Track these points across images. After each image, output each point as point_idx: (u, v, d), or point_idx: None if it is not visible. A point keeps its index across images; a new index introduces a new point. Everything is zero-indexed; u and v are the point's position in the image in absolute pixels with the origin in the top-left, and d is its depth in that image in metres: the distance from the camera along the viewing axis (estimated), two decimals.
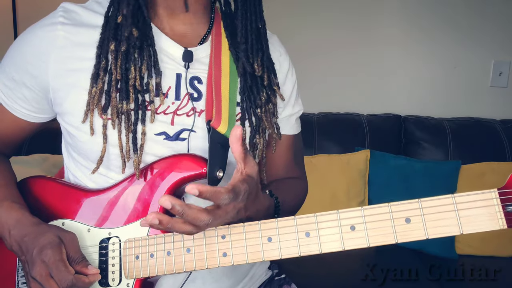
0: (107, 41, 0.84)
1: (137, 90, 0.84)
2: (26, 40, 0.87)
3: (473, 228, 0.66)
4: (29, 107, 0.91)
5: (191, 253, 0.78)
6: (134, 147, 0.85)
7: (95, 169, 0.88)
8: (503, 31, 2.47)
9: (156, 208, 0.83)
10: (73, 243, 0.82)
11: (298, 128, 1.10)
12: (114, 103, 0.84)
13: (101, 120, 0.85)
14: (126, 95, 0.84)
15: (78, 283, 0.77)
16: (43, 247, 0.78)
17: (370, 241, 0.70)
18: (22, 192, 0.93)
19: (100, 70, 0.84)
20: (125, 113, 0.84)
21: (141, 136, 0.85)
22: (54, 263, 0.76)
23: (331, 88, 2.57)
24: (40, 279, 0.77)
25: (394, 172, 2.20)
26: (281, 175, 1.07)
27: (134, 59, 0.84)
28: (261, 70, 0.92)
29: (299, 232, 0.73)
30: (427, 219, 0.68)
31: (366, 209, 0.71)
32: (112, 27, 0.84)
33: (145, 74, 0.85)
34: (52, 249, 0.77)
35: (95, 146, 0.86)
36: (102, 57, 0.84)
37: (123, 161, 0.86)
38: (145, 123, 0.85)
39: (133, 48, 0.84)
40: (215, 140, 0.85)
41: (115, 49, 0.84)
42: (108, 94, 0.84)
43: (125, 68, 0.84)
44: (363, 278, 1.82)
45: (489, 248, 2.08)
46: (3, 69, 0.91)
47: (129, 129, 0.84)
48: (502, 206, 0.65)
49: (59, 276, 0.76)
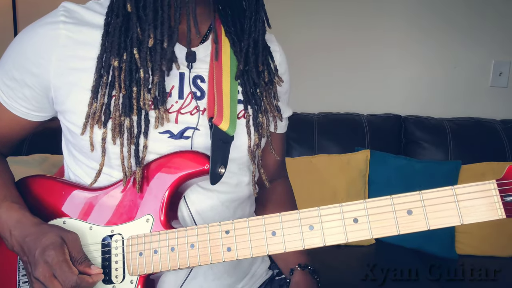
0: (108, 55, 0.83)
1: (140, 105, 0.84)
2: (27, 39, 0.87)
3: (473, 218, 0.68)
4: (29, 105, 0.90)
5: (195, 249, 0.78)
6: (136, 160, 0.85)
7: (93, 182, 0.88)
8: (503, 31, 2.48)
9: (158, 205, 0.83)
10: (75, 243, 0.81)
11: (286, 127, 1.14)
12: (116, 116, 0.83)
13: (101, 134, 0.85)
14: (130, 107, 0.84)
15: (82, 283, 0.77)
16: (46, 248, 0.77)
17: (373, 233, 0.71)
18: (22, 191, 0.93)
19: (101, 86, 0.83)
20: (127, 127, 0.84)
21: (142, 149, 0.85)
22: (57, 263, 0.76)
23: (331, 88, 2.57)
24: (44, 279, 0.76)
25: (394, 172, 2.20)
26: (275, 174, 1.15)
27: (137, 78, 0.84)
28: (254, 54, 0.93)
29: (303, 226, 0.74)
30: (428, 211, 0.69)
31: (369, 201, 0.72)
32: (116, 42, 0.83)
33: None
34: (55, 250, 0.77)
35: (96, 153, 0.87)
36: (104, 72, 0.84)
37: (124, 173, 0.85)
38: (147, 137, 0.85)
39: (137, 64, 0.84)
40: (217, 137, 0.86)
41: (118, 65, 0.83)
42: (109, 108, 0.84)
43: (129, 84, 0.83)
44: (363, 278, 1.82)
45: (489, 248, 2.07)
46: (2, 67, 0.90)
47: (131, 142, 0.84)
48: (501, 197, 0.67)
49: (63, 277, 0.75)
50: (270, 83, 0.97)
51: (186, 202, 0.89)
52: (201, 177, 0.85)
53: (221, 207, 0.93)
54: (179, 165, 0.84)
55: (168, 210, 0.84)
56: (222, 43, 0.94)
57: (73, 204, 0.89)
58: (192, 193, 0.90)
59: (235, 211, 0.97)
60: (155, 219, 0.83)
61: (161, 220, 0.83)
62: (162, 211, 0.83)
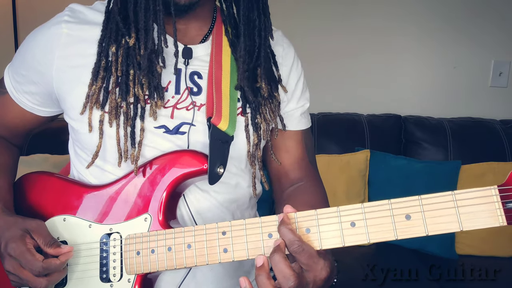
0: (107, 40, 0.86)
1: (137, 85, 0.85)
2: (34, 38, 0.91)
3: (473, 225, 0.66)
4: (34, 101, 0.94)
5: (191, 249, 0.78)
6: (132, 141, 0.86)
7: (90, 163, 0.90)
8: (503, 31, 2.48)
9: (156, 205, 0.84)
10: (41, 229, 0.84)
11: (306, 123, 1.05)
12: (113, 98, 0.85)
13: (99, 115, 0.86)
14: (126, 90, 0.85)
15: (51, 266, 0.80)
16: (7, 242, 0.81)
17: (370, 237, 0.70)
18: (22, 188, 0.94)
19: (100, 69, 0.86)
20: (123, 108, 0.85)
21: (139, 132, 0.86)
22: (20, 254, 0.79)
23: (331, 88, 2.57)
24: (14, 271, 0.80)
25: (394, 172, 2.20)
26: (297, 176, 1.02)
27: (134, 64, 0.85)
28: (257, 59, 0.92)
29: (300, 229, 0.72)
30: (427, 216, 0.67)
31: (367, 205, 0.70)
32: (114, 29, 0.86)
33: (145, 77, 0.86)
34: (15, 242, 0.80)
35: (94, 138, 0.87)
36: (103, 56, 0.86)
37: (119, 154, 0.86)
38: (143, 120, 0.86)
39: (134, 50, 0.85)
40: (215, 136, 0.86)
41: (116, 51, 0.85)
42: (107, 90, 0.86)
43: (126, 69, 0.85)
44: (363, 278, 1.82)
45: (489, 248, 2.08)
46: (13, 63, 0.96)
47: (127, 123, 0.85)
48: (502, 203, 0.65)
49: (29, 265, 0.79)
50: (270, 98, 0.94)
51: (186, 202, 0.90)
52: (199, 177, 0.85)
53: (220, 207, 0.93)
54: (177, 165, 0.84)
55: (166, 209, 0.84)
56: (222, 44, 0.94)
57: (73, 202, 0.90)
58: (192, 193, 0.90)
59: (234, 212, 0.97)
60: (153, 218, 0.83)
61: (159, 219, 0.83)
62: (160, 211, 0.83)
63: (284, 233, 0.70)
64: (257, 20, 0.91)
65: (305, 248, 0.69)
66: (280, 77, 0.98)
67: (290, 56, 1.02)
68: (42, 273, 0.79)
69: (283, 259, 0.69)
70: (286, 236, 0.70)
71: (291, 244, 0.69)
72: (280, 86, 0.97)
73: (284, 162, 1.02)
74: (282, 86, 0.97)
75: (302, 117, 1.04)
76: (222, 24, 0.96)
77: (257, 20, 0.91)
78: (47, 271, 0.79)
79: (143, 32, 0.83)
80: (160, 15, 0.83)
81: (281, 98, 0.98)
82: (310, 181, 1.01)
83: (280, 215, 0.73)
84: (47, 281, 0.80)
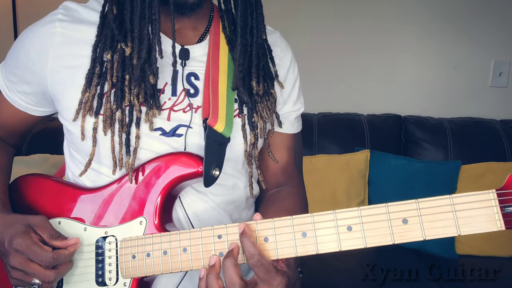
0: (102, 46, 0.85)
1: (132, 92, 0.84)
2: (28, 37, 0.89)
3: (470, 229, 0.65)
4: (28, 100, 0.93)
5: (187, 253, 0.77)
6: (127, 149, 0.85)
7: (83, 171, 0.89)
8: (503, 31, 2.47)
9: (151, 208, 0.83)
10: (44, 224, 0.83)
11: (298, 127, 1.07)
12: (108, 107, 0.84)
13: (92, 123, 0.85)
14: (122, 96, 0.84)
15: (60, 257, 0.80)
16: (12, 238, 0.80)
17: (367, 241, 0.69)
18: (17, 190, 0.94)
19: (94, 76, 0.84)
20: (118, 114, 0.84)
21: (135, 140, 0.85)
22: (27, 248, 0.78)
23: (331, 88, 2.57)
24: (20, 266, 0.79)
25: (394, 172, 2.19)
26: (281, 180, 1.03)
27: (129, 70, 0.84)
28: (256, 59, 0.92)
29: (296, 232, 0.72)
30: (424, 220, 0.67)
31: (363, 209, 0.70)
32: (109, 35, 0.85)
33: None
34: (21, 237, 0.79)
35: (88, 145, 0.87)
36: (97, 62, 0.85)
37: (114, 162, 0.86)
38: (139, 126, 0.85)
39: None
40: (211, 138, 0.85)
41: (111, 58, 0.84)
42: (100, 97, 0.85)
43: (121, 74, 0.84)
44: (363, 278, 1.82)
45: (489, 248, 2.07)
46: (6, 62, 0.94)
47: (122, 130, 0.85)
48: (501, 207, 0.64)
49: (39, 257, 0.78)
50: (266, 95, 0.93)
51: (183, 204, 0.89)
52: (194, 180, 0.85)
53: (217, 209, 0.93)
54: (172, 167, 0.83)
55: (162, 212, 0.84)
56: (220, 43, 0.93)
57: (69, 204, 0.89)
58: (188, 196, 0.90)
59: (232, 213, 0.96)
60: (148, 221, 0.83)
61: (154, 223, 0.83)
62: (156, 214, 0.83)
63: (246, 245, 0.71)
64: (249, 19, 0.90)
65: (263, 263, 0.70)
66: (277, 72, 0.97)
67: (287, 59, 1.02)
68: (52, 264, 0.79)
69: (233, 266, 0.70)
70: (247, 248, 0.71)
71: (251, 257, 0.70)
72: (276, 82, 0.97)
73: (272, 164, 1.03)
74: (278, 82, 0.97)
75: (295, 121, 1.05)
76: (220, 22, 0.96)
77: (249, 18, 0.90)
78: (56, 261, 0.79)
79: (137, 41, 0.82)
80: (156, 25, 0.83)
81: (278, 99, 0.98)
82: (293, 187, 1.03)
83: (241, 225, 0.73)
84: (56, 273, 0.80)
